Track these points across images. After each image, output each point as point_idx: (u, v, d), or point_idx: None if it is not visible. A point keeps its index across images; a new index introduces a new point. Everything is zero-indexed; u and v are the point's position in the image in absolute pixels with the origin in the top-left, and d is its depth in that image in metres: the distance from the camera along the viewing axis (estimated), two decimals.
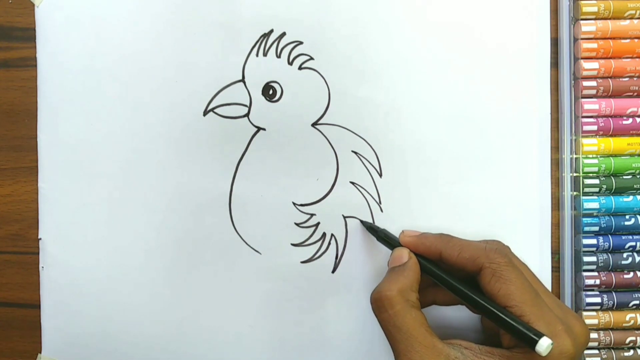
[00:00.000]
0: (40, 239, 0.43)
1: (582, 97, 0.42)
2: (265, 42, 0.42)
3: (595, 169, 0.42)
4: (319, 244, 0.42)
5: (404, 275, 0.36)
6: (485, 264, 0.35)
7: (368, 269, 0.42)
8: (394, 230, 0.42)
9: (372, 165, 0.42)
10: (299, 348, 0.42)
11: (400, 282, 0.36)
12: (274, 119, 0.42)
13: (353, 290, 0.42)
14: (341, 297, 0.42)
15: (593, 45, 0.42)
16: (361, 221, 0.42)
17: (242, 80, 0.42)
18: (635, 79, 0.42)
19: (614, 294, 0.42)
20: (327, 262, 0.42)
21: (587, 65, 0.42)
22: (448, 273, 0.36)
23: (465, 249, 0.36)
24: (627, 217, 0.42)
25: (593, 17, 0.42)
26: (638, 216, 0.42)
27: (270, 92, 0.42)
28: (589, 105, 0.42)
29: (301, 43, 0.42)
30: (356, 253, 0.42)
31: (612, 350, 0.42)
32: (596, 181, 0.42)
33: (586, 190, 0.42)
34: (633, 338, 0.42)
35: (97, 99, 0.43)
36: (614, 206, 0.42)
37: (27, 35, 0.43)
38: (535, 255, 0.42)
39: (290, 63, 0.42)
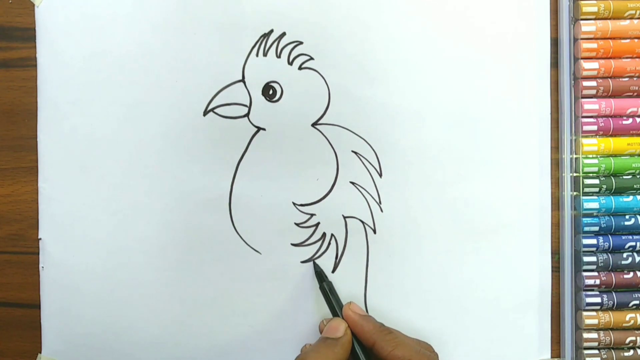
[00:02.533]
0: (40, 239, 0.43)
1: (582, 97, 0.42)
2: (265, 42, 0.42)
3: (595, 169, 0.42)
4: (319, 244, 0.42)
5: (334, 351, 0.36)
6: None
7: (368, 269, 0.42)
8: (395, 233, 0.42)
9: (372, 165, 0.42)
10: (298, 348, 0.42)
11: (328, 359, 0.36)
12: (274, 119, 0.42)
13: (353, 290, 0.42)
14: (341, 297, 0.42)
15: (593, 45, 0.42)
16: (314, 263, 0.42)
17: (242, 80, 0.42)
18: (635, 79, 0.42)
19: (614, 294, 0.42)
20: (327, 262, 0.42)
21: (587, 65, 0.42)
22: None
23: (399, 347, 0.36)
24: (627, 217, 0.42)
25: (593, 17, 0.42)
26: (638, 216, 0.42)
27: (270, 92, 0.42)
28: (589, 105, 0.42)
29: (301, 43, 0.42)
30: (356, 253, 0.42)
31: (612, 350, 0.42)
32: (596, 181, 0.42)
33: (586, 190, 0.42)
34: (633, 338, 0.42)
35: (97, 99, 0.43)
36: (614, 206, 0.42)
37: (27, 35, 0.43)
38: (535, 255, 0.42)
39: (290, 63, 0.42)
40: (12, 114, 0.43)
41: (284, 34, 0.42)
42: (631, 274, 0.42)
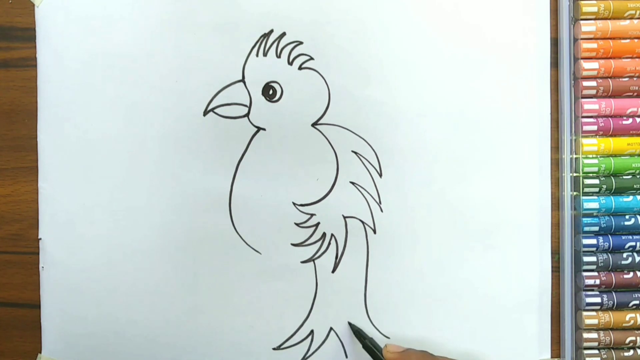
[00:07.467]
0: (40, 239, 0.43)
1: (582, 97, 0.42)
2: (265, 42, 0.42)
3: (595, 169, 0.42)
4: (319, 244, 0.42)
5: None
6: None
7: (368, 269, 0.42)
8: (395, 233, 0.42)
9: (372, 165, 0.42)
10: (298, 347, 0.42)
11: None
12: (274, 119, 0.42)
13: (353, 290, 0.42)
14: (341, 297, 0.42)
15: (593, 45, 0.42)
16: (350, 324, 0.42)
17: (242, 80, 0.42)
18: (635, 79, 0.42)
19: (614, 294, 0.42)
20: (327, 262, 0.42)
21: (587, 65, 0.42)
22: None
23: None
24: (627, 217, 0.42)
25: (593, 17, 0.42)
26: (638, 216, 0.42)
27: (270, 92, 0.42)
28: (589, 105, 0.42)
29: (301, 43, 0.42)
30: (356, 253, 0.42)
31: (612, 350, 0.42)
32: (596, 181, 0.42)
33: (586, 190, 0.42)
34: (633, 338, 0.42)
35: (97, 99, 0.43)
36: (613, 206, 0.42)
37: (27, 35, 0.43)
38: (535, 255, 0.42)
39: (290, 63, 0.42)
40: (12, 114, 0.43)
41: (284, 34, 0.42)
42: (631, 274, 0.42)
